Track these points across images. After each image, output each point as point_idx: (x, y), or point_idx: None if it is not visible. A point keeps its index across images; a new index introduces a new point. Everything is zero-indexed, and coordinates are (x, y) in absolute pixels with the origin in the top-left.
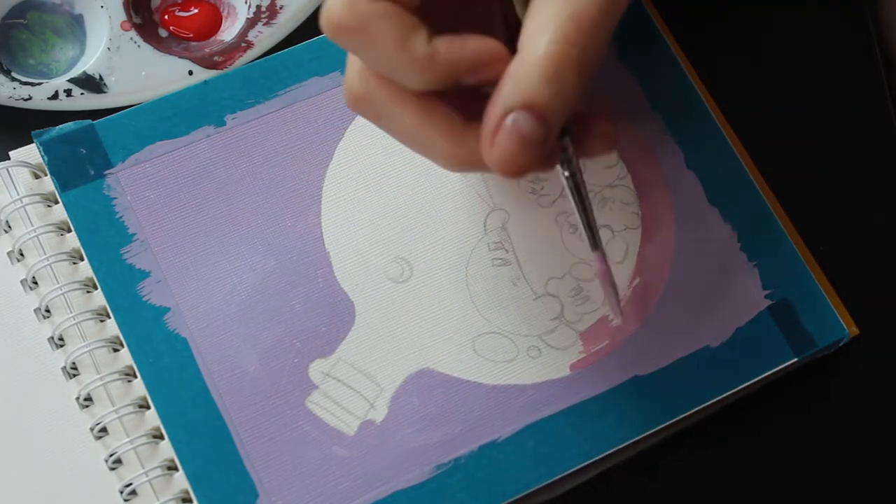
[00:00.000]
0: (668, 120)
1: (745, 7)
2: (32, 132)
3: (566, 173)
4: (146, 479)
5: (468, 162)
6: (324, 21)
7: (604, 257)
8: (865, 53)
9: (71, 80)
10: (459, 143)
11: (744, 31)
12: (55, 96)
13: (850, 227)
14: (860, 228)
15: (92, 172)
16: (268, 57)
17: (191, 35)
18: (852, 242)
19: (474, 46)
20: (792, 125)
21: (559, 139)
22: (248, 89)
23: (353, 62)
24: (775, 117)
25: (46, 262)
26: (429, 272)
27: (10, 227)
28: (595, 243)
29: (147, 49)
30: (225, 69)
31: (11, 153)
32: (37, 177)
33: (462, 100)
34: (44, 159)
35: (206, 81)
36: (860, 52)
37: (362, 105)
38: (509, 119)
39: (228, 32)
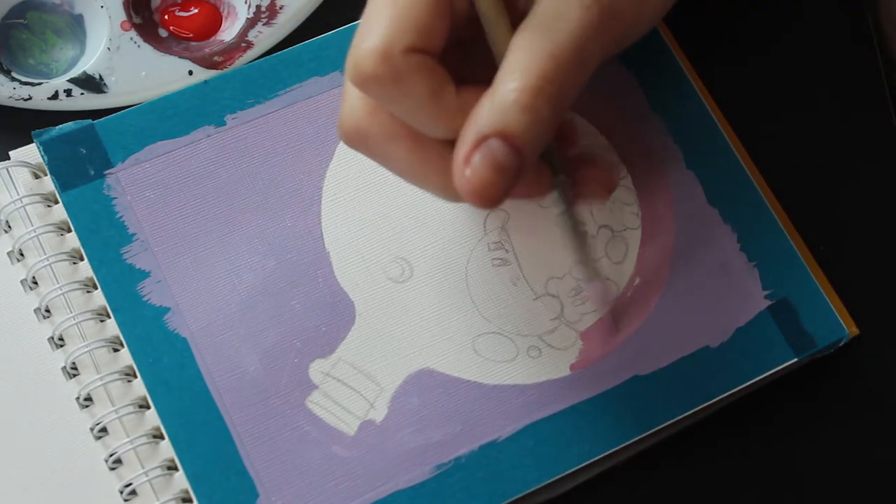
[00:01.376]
0: (668, 120)
1: (745, 6)
2: (32, 132)
3: (563, 208)
4: (146, 479)
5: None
6: (352, 70)
7: (602, 287)
8: (866, 53)
9: (71, 80)
10: (452, 178)
11: (744, 31)
12: (55, 96)
13: (850, 227)
14: (860, 228)
15: (92, 172)
16: (268, 57)
17: (191, 35)
18: (852, 242)
19: None
20: (792, 125)
21: (552, 176)
22: (248, 89)
23: (348, 101)
24: (775, 117)
25: (46, 262)
26: (429, 272)
27: (10, 227)
28: (591, 275)
29: (147, 49)
30: (225, 69)
31: (11, 153)
32: (37, 177)
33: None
34: (44, 159)
35: (206, 81)
36: (860, 51)
37: (356, 142)
38: (484, 146)
39: (228, 32)
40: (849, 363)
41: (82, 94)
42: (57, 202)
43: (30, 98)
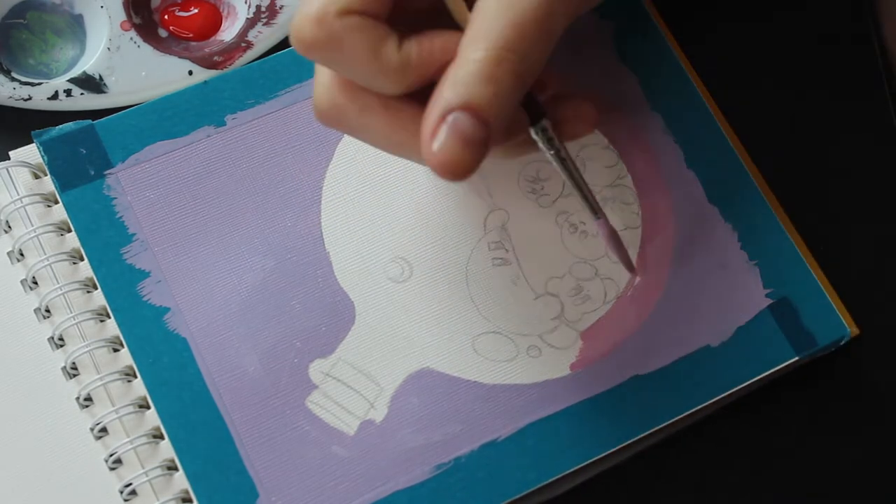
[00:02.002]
0: (668, 119)
1: (746, 6)
2: (32, 132)
3: (551, 152)
4: (146, 479)
5: None
6: (293, 39)
7: (607, 222)
8: (866, 53)
9: (71, 80)
10: None
11: (744, 31)
12: (55, 96)
13: (850, 227)
14: (860, 228)
15: (92, 172)
16: (268, 57)
17: (191, 35)
18: (852, 242)
19: (442, 45)
20: (792, 125)
21: (534, 122)
22: (248, 89)
23: (319, 79)
24: (775, 117)
25: (46, 262)
26: (429, 272)
27: (10, 227)
28: (596, 210)
29: (147, 49)
30: (225, 69)
31: (11, 153)
32: (37, 177)
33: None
34: (44, 159)
35: (206, 81)
36: (861, 51)
37: (331, 119)
38: (449, 118)
39: (228, 32)
40: (849, 363)
41: (82, 94)
42: (57, 202)
43: (30, 98)
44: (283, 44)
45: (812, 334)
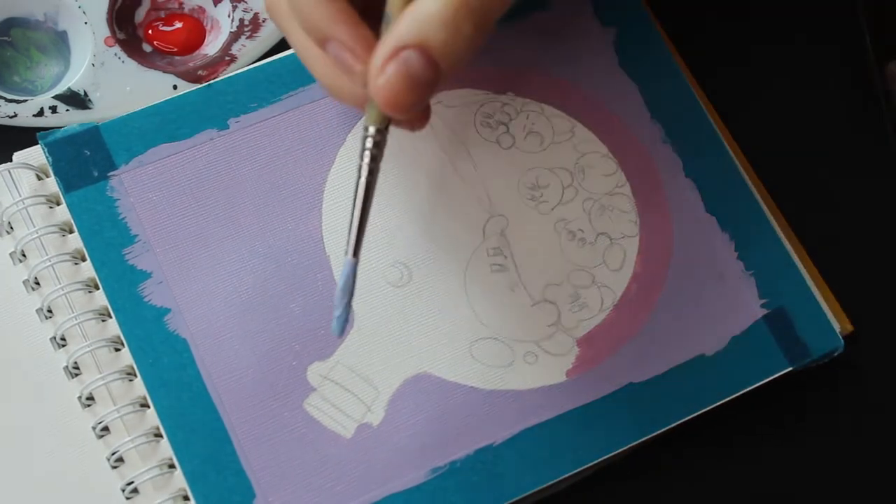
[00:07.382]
0: (668, 129)
1: (744, 14)
2: (37, 133)
3: (365, 161)
4: (148, 477)
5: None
6: None
7: (355, 266)
8: (863, 56)
9: (56, 97)
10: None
11: (743, 39)
12: (40, 113)
13: (849, 231)
14: (859, 233)
15: (95, 174)
16: (271, 60)
17: (175, 49)
18: (852, 245)
19: None
20: (792, 134)
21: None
22: (251, 93)
23: None
24: (775, 126)
25: (49, 263)
26: (427, 277)
27: (12, 227)
28: (356, 250)
29: (131, 64)
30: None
31: (15, 154)
32: (40, 178)
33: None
34: (48, 160)
35: (209, 85)
36: (858, 54)
37: (271, 12)
38: (401, 55)
39: (212, 46)
40: (848, 364)
41: (67, 110)
42: (60, 203)
43: (15, 115)
44: (267, 56)
45: (806, 345)
